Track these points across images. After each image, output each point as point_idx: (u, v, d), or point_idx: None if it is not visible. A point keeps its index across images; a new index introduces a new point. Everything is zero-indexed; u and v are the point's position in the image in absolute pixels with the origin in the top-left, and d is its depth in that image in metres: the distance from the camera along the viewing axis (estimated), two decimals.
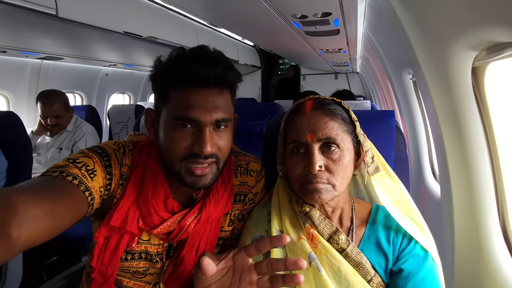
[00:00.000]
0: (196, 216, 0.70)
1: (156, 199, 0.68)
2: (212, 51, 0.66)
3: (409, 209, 0.68)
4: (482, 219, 0.90)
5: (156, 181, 0.69)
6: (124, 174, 0.69)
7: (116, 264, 0.68)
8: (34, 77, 2.71)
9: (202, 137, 0.62)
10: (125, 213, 0.66)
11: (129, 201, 0.67)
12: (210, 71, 0.62)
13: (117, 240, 0.68)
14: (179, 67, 0.63)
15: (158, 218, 0.67)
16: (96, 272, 0.67)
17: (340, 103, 0.68)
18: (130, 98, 4.26)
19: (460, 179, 0.95)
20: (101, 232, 0.67)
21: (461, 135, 0.92)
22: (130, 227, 0.66)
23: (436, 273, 0.62)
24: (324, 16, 1.65)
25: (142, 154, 0.71)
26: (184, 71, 0.62)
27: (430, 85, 0.98)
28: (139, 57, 2.98)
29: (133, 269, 0.72)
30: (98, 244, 0.67)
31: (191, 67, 0.62)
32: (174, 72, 0.63)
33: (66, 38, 1.97)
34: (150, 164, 0.70)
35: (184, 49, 0.66)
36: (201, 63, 0.62)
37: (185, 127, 0.63)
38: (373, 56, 2.67)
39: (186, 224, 0.68)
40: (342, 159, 0.63)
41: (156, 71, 0.67)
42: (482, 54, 0.77)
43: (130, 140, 0.75)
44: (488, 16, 0.62)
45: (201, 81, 0.63)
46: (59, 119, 2.07)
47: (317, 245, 0.64)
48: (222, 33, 3.62)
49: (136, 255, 0.71)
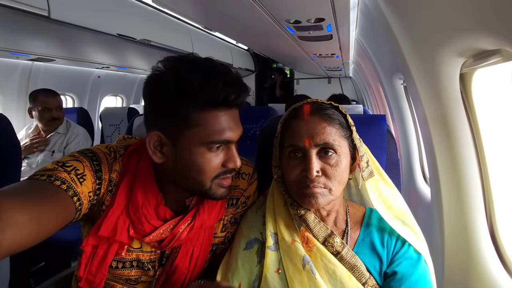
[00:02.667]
0: (189, 223, 0.68)
1: (147, 207, 0.66)
2: (234, 72, 0.64)
3: (402, 214, 0.68)
4: (471, 221, 0.92)
5: (146, 188, 0.67)
6: (113, 180, 0.67)
7: (104, 273, 0.67)
8: (25, 78, 2.67)
9: (234, 154, 0.65)
10: (115, 223, 0.65)
11: (119, 209, 0.65)
12: (241, 97, 0.63)
13: (105, 249, 0.66)
14: (211, 92, 0.59)
15: (150, 226, 0.66)
16: (84, 281, 0.66)
17: (337, 108, 0.68)
18: (122, 100, 4.22)
19: (449, 182, 0.97)
20: (89, 241, 0.65)
21: (450, 139, 0.94)
22: (120, 236, 0.65)
23: (429, 275, 0.63)
24: (317, 21, 1.67)
25: (131, 160, 0.69)
26: (217, 96, 0.60)
27: (420, 90, 1.01)
28: (132, 60, 2.96)
29: (125, 276, 0.71)
30: (85, 253, 0.66)
31: (223, 92, 0.60)
32: (205, 97, 0.60)
33: (58, 39, 1.95)
34: (140, 170, 0.68)
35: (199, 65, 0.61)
36: (233, 89, 0.61)
37: (217, 148, 0.64)
38: (365, 61, 2.71)
39: (179, 232, 0.67)
40: (339, 164, 0.63)
41: (170, 92, 0.60)
42: (469, 61, 0.80)
43: (121, 145, 0.73)
44: (474, 24, 0.65)
45: (230, 105, 0.63)
46: (60, 112, 2.06)
47: (312, 248, 0.65)
48: (216, 36, 3.63)
49: (128, 264, 0.70)
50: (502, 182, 0.88)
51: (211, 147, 0.63)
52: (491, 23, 0.59)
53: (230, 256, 0.72)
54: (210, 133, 0.62)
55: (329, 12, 1.48)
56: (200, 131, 0.61)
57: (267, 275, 0.65)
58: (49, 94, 2.02)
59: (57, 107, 2.04)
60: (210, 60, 0.63)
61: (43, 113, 2.01)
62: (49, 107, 2.01)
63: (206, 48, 3.22)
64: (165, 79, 0.61)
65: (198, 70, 0.60)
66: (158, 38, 2.25)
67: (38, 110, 2.00)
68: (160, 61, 0.63)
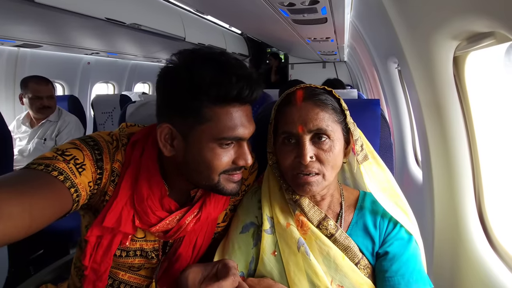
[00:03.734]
0: (195, 215, 0.69)
1: (152, 199, 0.66)
2: (248, 68, 0.62)
3: (395, 195, 0.71)
4: (460, 203, 0.95)
5: (151, 180, 0.67)
6: (115, 170, 0.66)
7: (109, 262, 0.68)
8: (11, 66, 2.58)
9: (245, 152, 0.64)
10: (119, 214, 0.65)
11: (123, 201, 0.65)
12: (255, 93, 0.61)
13: (110, 239, 0.67)
14: (224, 87, 0.58)
15: (155, 217, 0.66)
16: (89, 270, 0.67)
17: (330, 92, 0.68)
18: (114, 87, 4.13)
19: (440, 166, 1.00)
20: (93, 232, 0.65)
21: (442, 124, 0.95)
22: (125, 227, 0.65)
23: (419, 254, 0.66)
24: (311, 4, 1.64)
25: (135, 151, 0.68)
26: (230, 91, 0.58)
27: (414, 74, 1.01)
28: (123, 45, 2.87)
29: (128, 264, 0.72)
30: (90, 243, 0.66)
31: (236, 88, 0.58)
32: (218, 92, 0.58)
33: (44, 24, 1.88)
34: (144, 162, 0.67)
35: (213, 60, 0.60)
36: (247, 84, 0.59)
37: (228, 145, 0.63)
38: (360, 45, 2.68)
39: (186, 223, 0.68)
40: (332, 149, 0.64)
41: (183, 86, 0.59)
42: (463, 44, 0.80)
43: (124, 134, 0.71)
44: (468, 7, 0.64)
45: (243, 101, 0.62)
46: (52, 100, 2.01)
47: (306, 232, 0.66)
48: (209, 20, 3.53)
49: (131, 253, 0.71)
50: (492, 166, 0.90)
51: (222, 143, 0.61)
52: (485, 5, 0.59)
53: (226, 240, 0.74)
54: (222, 129, 0.60)
55: None
56: (212, 126, 0.60)
57: (264, 257, 0.67)
58: (41, 82, 1.97)
59: (49, 96, 1.99)
60: (225, 54, 0.62)
61: (33, 101, 1.97)
62: (40, 96, 1.96)
63: (198, 32, 3.14)
64: (178, 72, 0.60)
65: (212, 64, 0.58)
66: (149, 22, 2.19)
67: (28, 98, 1.96)
68: (174, 53, 0.62)
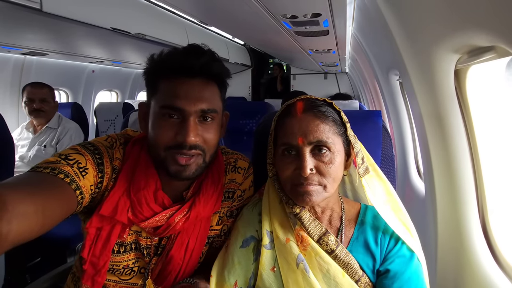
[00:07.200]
0: (185, 214, 0.70)
1: (147, 190, 0.69)
2: (200, 46, 0.69)
3: (397, 209, 0.69)
4: (463, 216, 0.93)
5: (147, 172, 0.70)
6: (116, 167, 0.70)
7: (108, 255, 0.68)
8: (17, 73, 2.62)
9: (186, 127, 0.64)
10: (116, 203, 0.67)
11: (120, 191, 0.68)
12: (196, 61, 0.65)
13: (109, 230, 0.68)
14: (169, 59, 0.67)
15: (148, 210, 0.68)
16: (88, 264, 0.67)
17: (331, 104, 0.68)
18: (117, 95, 4.17)
19: (443, 178, 0.99)
20: (93, 223, 0.67)
21: (444, 135, 0.95)
22: (120, 216, 0.67)
23: (421, 272, 0.64)
24: (313, 16, 1.66)
25: (135, 147, 0.73)
26: (172, 62, 0.66)
27: (415, 86, 1.01)
28: (127, 54, 2.92)
29: (123, 264, 0.71)
30: (89, 235, 0.67)
31: (179, 58, 0.66)
32: (164, 63, 0.67)
33: (51, 33, 1.91)
34: (142, 155, 0.71)
35: (177, 48, 0.69)
36: (188, 54, 0.66)
37: (171, 117, 0.65)
38: (361, 57, 2.71)
39: (175, 222, 0.69)
40: (333, 161, 0.63)
41: (148, 66, 0.70)
42: (464, 57, 0.80)
43: (122, 134, 0.76)
44: (468, 21, 0.65)
45: (188, 71, 0.65)
46: (45, 104, 2.01)
47: (306, 248, 0.65)
48: (212, 31, 3.59)
49: (128, 247, 0.72)
50: (495, 178, 0.90)
51: (164, 114, 0.65)
52: (486, 20, 0.59)
53: (226, 253, 0.72)
54: (164, 98, 0.65)
55: (325, 7, 1.47)
56: (159, 96, 0.67)
57: (263, 273, 0.66)
58: (35, 86, 1.99)
59: (41, 99, 2.00)
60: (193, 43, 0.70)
61: (26, 104, 2.00)
62: (32, 98, 1.97)
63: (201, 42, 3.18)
64: (151, 57, 0.69)
65: (175, 49, 0.68)
66: (153, 32, 2.22)
67: (24, 102, 1.99)
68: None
